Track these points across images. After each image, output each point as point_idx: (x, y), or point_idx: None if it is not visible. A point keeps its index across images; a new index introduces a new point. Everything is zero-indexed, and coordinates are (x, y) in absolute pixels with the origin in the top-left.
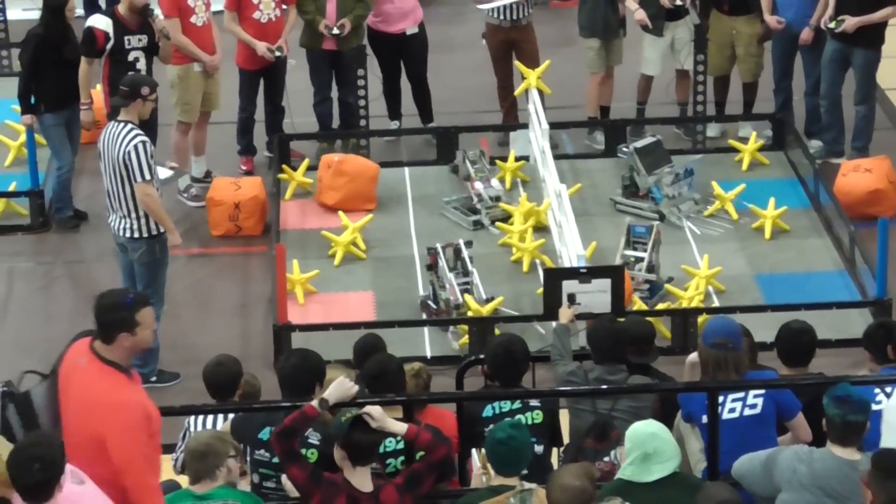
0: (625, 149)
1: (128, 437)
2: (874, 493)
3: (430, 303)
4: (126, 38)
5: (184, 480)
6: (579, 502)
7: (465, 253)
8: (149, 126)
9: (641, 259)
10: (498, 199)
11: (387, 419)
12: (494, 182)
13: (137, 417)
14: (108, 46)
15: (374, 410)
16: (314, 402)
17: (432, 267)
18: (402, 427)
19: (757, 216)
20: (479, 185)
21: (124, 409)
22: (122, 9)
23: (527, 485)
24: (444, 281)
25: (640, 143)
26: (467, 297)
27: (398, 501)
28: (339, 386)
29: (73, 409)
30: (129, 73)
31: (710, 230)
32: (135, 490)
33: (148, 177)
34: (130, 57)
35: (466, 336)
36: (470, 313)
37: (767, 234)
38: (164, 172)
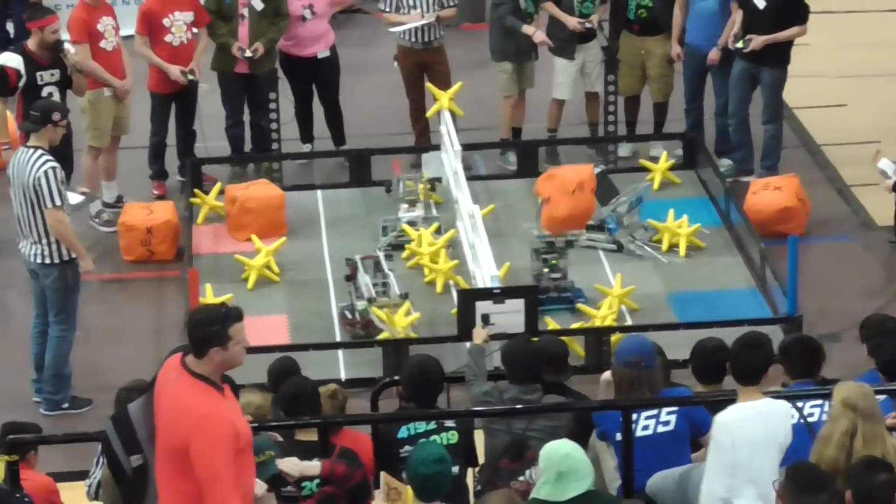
0: None
1: (211, 451)
2: None
3: (346, 313)
4: (38, 73)
5: None
6: None
7: (385, 265)
8: (63, 152)
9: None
10: (412, 224)
11: (302, 466)
12: (419, 207)
13: (222, 431)
14: (21, 84)
15: (289, 466)
16: None
17: (351, 278)
18: (316, 467)
19: (659, 231)
20: (403, 208)
21: (209, 421)
22: (32, 44)
23: None
24: (361, 291)
25: None
26: (375, 309)
27: None
28: None
29: (163, 422)
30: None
31: (670, 258)
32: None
33: (58, 202)
34: (44, 92)
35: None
36: (378, 317)
37: (682, 252)
38: (74, 198)
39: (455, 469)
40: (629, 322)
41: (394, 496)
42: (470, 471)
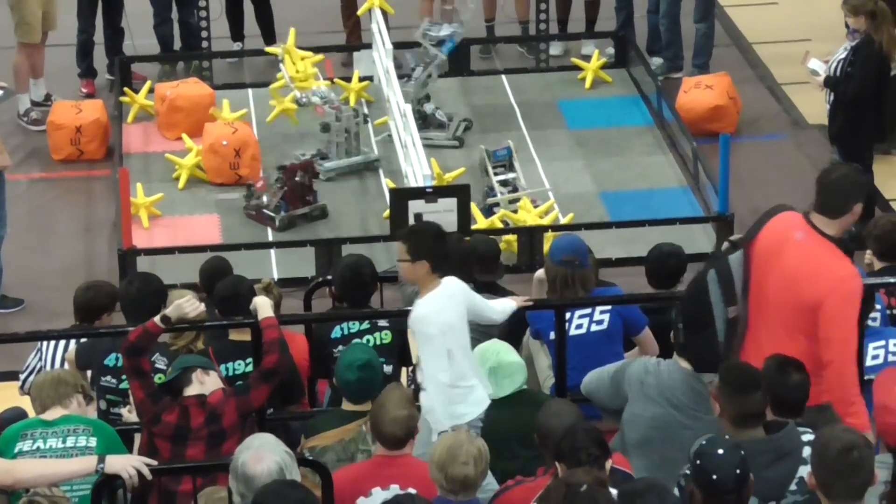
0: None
1: (847, 312)
2: (722, 407)
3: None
4: None
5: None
6: (410, 428)
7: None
8: None
9: (510, 181)
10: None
11: (267, 306)
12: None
13: (859, 294)
14: None
15: (261, 301)
16: (156, 319)
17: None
18: (268, 313)
19: None
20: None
21: (849, 283)
22: None
23: None
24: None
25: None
26: None
27: (222, 400)
28: (180, 308)
29: (783, 278)
30: None
31: None
32: (835, 366)
33: None
34: None
35: None
36: None
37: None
38: None
39: (388, 369)
40: (562, 220)
41: None
42: (403, 370)
